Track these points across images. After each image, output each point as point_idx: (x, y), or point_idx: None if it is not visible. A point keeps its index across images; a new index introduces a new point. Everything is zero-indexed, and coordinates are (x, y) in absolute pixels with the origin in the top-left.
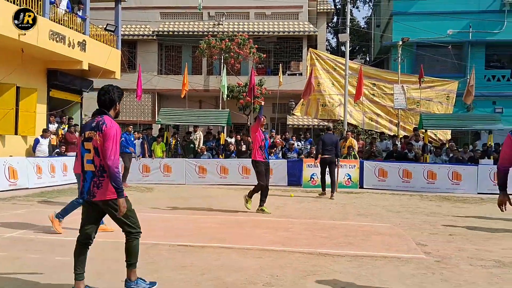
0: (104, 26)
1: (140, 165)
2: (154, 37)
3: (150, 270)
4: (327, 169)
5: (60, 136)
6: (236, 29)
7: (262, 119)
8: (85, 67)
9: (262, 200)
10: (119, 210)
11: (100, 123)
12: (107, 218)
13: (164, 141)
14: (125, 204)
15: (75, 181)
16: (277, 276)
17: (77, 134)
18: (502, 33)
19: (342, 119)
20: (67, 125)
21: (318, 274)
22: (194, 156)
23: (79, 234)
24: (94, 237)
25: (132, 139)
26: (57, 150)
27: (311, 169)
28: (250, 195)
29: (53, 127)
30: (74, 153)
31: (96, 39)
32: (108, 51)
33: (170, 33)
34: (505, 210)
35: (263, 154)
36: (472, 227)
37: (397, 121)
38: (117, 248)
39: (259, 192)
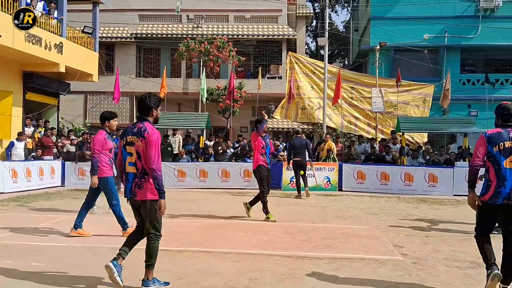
0: (82, 28)
1: None
2: (133, 40)
3: (127, 275)
4: (300, 171)
5: (36, 139)
6: (215, 32)
7: (261, 132)
8: (62, 69)
9: (253, 202)
10: (159, 210)
11: (142, 129)
12: (86, 223)
13: None
14: (165, 205)
15: (52, 185)
16: (256, 280)
17: (54, 137)
18: (476, 38)
19: (322, 122)
20: (43, 129)
21: (297, 277)
22: (173, 159)
23: (136, 226)
24: None
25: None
26: (33, 154)
27: (290, 172)
28: (252, 203)
29: (29, 130)
30: (51, 157)
31: (73, 42)
32: (85, 53)
33: (149, 35)
34: (477, 208)
35: (265, 159)
36: (448, 228)
37: (375, 124)
38: (96, 253)
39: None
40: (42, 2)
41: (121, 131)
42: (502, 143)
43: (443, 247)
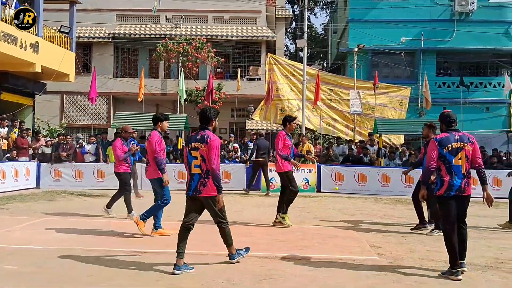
0: (58, 28)
1: (95, 171)
2: (110, 40)
3: (103, 278)
4: (261, 171)
5: (11, 140)
6: (194, 33)
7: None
8: (38, 69)
9: (285, 207)
10: (217, 204)
11: (205, 136)
12: (60, 226)
13: None
14: (223, 199)
15: (27, 186)
16: (233, 281)
17: (29, 138)
18: (452, 41)
19: (300, 124)
20: (18, 129)
21: (274, 278)
22: None
23: (183, 221)
24: (194, 225)
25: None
26: (8, 155)
27: (269, 174)
28: (285, 210)
29: (3, 131)
30: (26, 158)
31: (50, 41)
32: (62, 53)
33: (127, 35)
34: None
35: (290, 163)
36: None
37: (353, 126)
38: (71, 255)
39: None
40: (15, 0)
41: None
42: (450, 145)
43: (418, 247)
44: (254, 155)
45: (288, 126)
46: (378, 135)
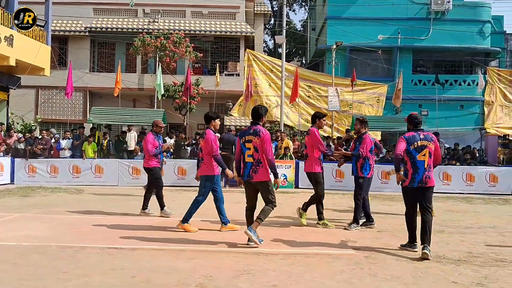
0: None
1: (70, 166)
2: (87, 34)
3: (77, 274)
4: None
5: None
6: (172, 27)
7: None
8: (12, 63)
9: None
10: (275, 186)
11: (257, 130)
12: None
13: (96, 141)
14: (280, 182)
15: (1, 182)
16: (211, 277)
17: (2, 133)
18: (428, 39)
19: (279, 120)
20: None
21: (252, 273)
22: (128, 156)
23: (246, 205)
24: (255, 206)
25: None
26: None
27: None
28: (305, 207)
29: None
30: (0, 154)
31: (25, 34)
32: (37, 47)
33: (103, 29)
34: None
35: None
36: (399, 224)
37: (331, 123)
38: (46, 251)
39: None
40: None
41: (239, 132)
42: (416, 143)
43: (393, 241)
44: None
45: (318, 122)
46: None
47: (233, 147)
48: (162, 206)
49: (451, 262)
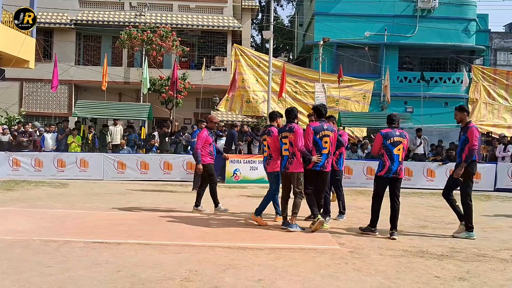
0: None
1: (55, 160)
2: (72, 26)
3: (61, 269)
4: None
5: None
6: (158, 21)
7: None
8: None
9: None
10: (310, 163)
11: (292, 127)
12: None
13: (81, 135)
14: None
15: None
16: (196, 271)
17: None
18: (414, 37)
19: (266, 115)
20: None
21: (237, 268)
22: (113, 150)
23: (282, 194)
24: (289, 196)
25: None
26: None
27: (233, 165)
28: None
29: None
30: None
31: (9, 26)
32: (21, 38)
33: (89, 22)
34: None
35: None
36: (384, 219)
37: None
38: (28, 245)
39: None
40: None
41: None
42: (392, 138)
43: (378, 237)
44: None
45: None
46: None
47: (235, 143)
48: (216, 203)
49: (434, 257)
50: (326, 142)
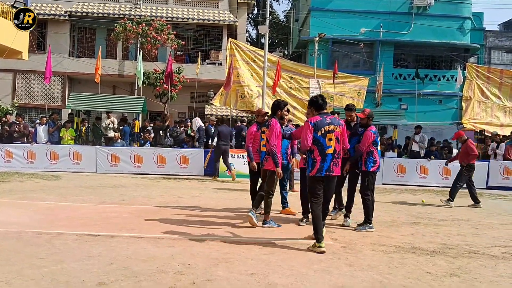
0: (12, 3)
1: (48, 152)
2: (67, 18)
3: (53, 261)
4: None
5: None
6: (154, 14)
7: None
8: None
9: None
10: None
11: (269, 122)
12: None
13: (74, 127)
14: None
15: None
16: (189, 265)
17: None
18: (409, 34)
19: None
20: None
21: (230, 262)
22: (106, 143)
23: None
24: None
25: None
26: None
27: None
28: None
29: None
30: None
31: (2, 17)
32: (15, 29)
33: (84, 14)
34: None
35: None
36: (376, 215)
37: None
38: (20, 237)
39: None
40: None
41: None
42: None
43: (370, 233)
44: (216, 140)
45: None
46: None
47: (230, 138)
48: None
49: (426, 253)
50: (331, 140)
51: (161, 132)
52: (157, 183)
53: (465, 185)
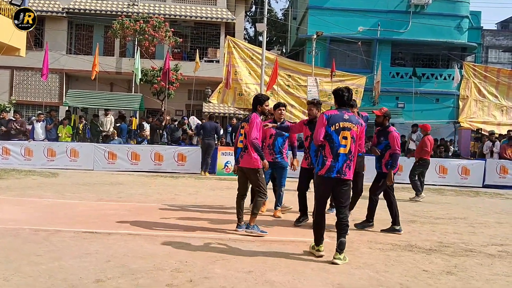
0: (9, 0)
1: (45, 149)
2: (64, 14)
3: (51, 258)
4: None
5: None
6: (151, 11)
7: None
8: None
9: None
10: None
11: (249, 117)
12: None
13: (72, 125)
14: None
15: None
16: (186, 262)
17: None
18: (407, 32)
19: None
20: None
21: (227, 259)
22: (104, 141)
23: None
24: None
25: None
26: None
27: (225, 157)
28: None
29: None
30: None
31: (0, 13)
32: (12, 26)
33: (81, 11)
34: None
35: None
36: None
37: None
38: (18, 234)
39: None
40: None
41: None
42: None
43: (367, 231)
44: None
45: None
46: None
47: (216, 133)
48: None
49: (423, 251)
50: (345, 138)
51: (159, 130)
52: (154, 180)
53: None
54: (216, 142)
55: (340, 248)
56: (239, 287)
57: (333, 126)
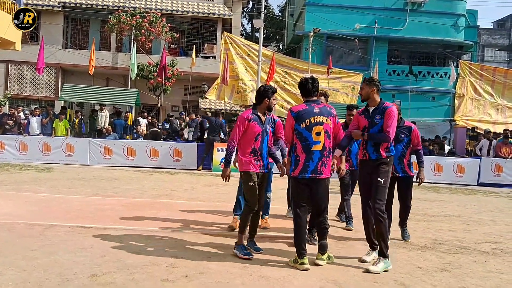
0: None
1: (40, 144)
2: (60, 8)
3: (46, 252)
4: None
5: None
6: (148, 6)
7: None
8: None
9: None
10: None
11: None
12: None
13: (67, 119)
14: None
15: None
16: (182, 257)
17: None
18: (404, 30)
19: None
20: None
21: (222, 255)
22: (99, 135)
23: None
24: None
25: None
26: None
27: (221, 153)
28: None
29: None
30: None
31: None
32: (8, 20)
33: (78, 5)
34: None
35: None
36: None
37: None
38: (13, 228)
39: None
40: None
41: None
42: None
43: (362, 228)
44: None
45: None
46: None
47: (222, 130)
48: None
49: (417, 248)
50: (319, 134)
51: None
52: (150, 176)
53: None
54: (223, 137)
55: (322, 250)
56: (235, 282)
57: (303, 123)
